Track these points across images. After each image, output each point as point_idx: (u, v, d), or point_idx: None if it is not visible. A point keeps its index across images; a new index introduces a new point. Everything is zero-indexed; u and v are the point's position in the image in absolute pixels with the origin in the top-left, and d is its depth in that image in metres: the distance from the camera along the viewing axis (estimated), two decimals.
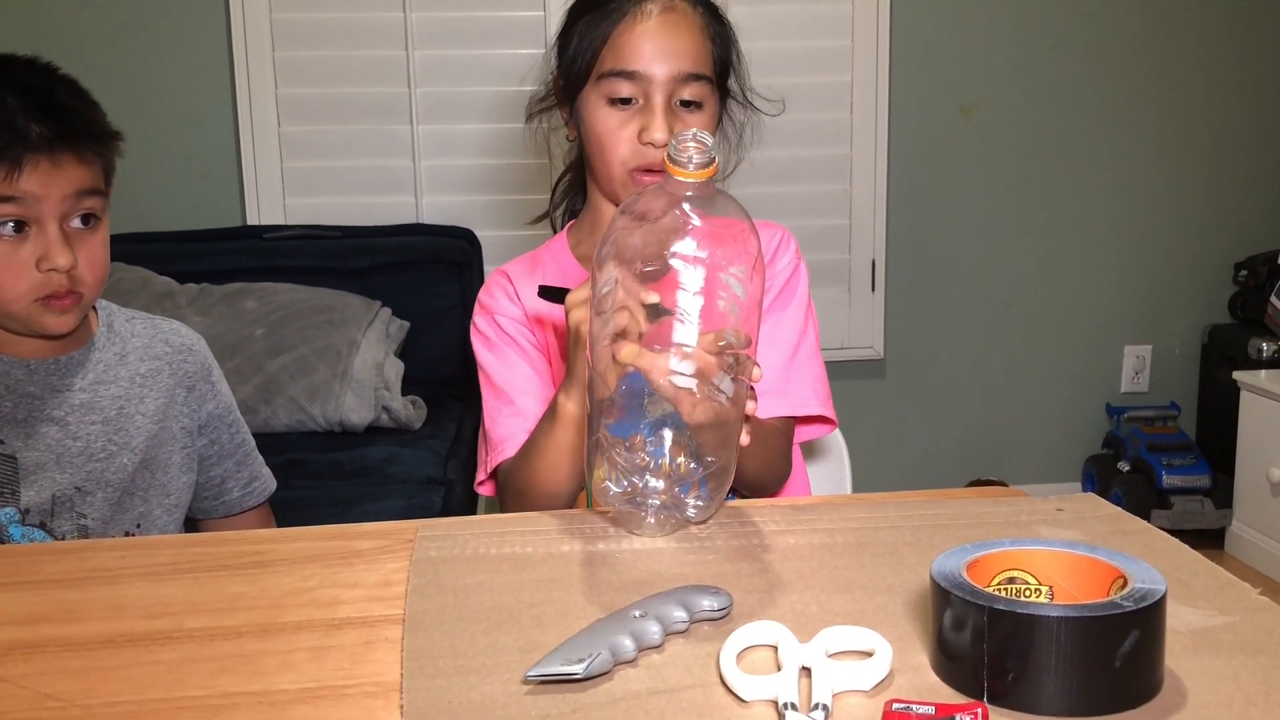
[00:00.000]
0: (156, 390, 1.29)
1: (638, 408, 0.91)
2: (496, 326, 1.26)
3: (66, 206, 1.14)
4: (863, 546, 0.90)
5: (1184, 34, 3.07)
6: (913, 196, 3.06)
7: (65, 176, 1.13)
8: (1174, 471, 2.89)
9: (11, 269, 1.13)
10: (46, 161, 1.11)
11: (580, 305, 0.99)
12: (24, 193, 1.11)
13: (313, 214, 2.84)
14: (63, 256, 1.13)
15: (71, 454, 1.21)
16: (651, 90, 1.16)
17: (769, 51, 2.85)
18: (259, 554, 0.94)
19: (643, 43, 1.16)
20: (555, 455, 1.08)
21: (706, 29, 1.21)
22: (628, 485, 0.90)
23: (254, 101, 2.82)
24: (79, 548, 0.98)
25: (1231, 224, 3.18)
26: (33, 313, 1.15)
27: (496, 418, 1.22)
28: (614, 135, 1.17)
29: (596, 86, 1.18)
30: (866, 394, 3.13)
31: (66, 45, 2.76)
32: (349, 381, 2.37)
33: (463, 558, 0.89)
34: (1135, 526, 0.94)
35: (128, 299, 2.43)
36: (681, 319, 0.89)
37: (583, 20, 1.20)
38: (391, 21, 2.81)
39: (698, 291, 0.88)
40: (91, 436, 1.23)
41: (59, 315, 1.16)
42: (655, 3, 1.18)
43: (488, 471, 1.23)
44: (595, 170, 1.23)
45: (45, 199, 1.12)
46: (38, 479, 1.20)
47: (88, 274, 1.17)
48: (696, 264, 0.88)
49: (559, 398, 1.06)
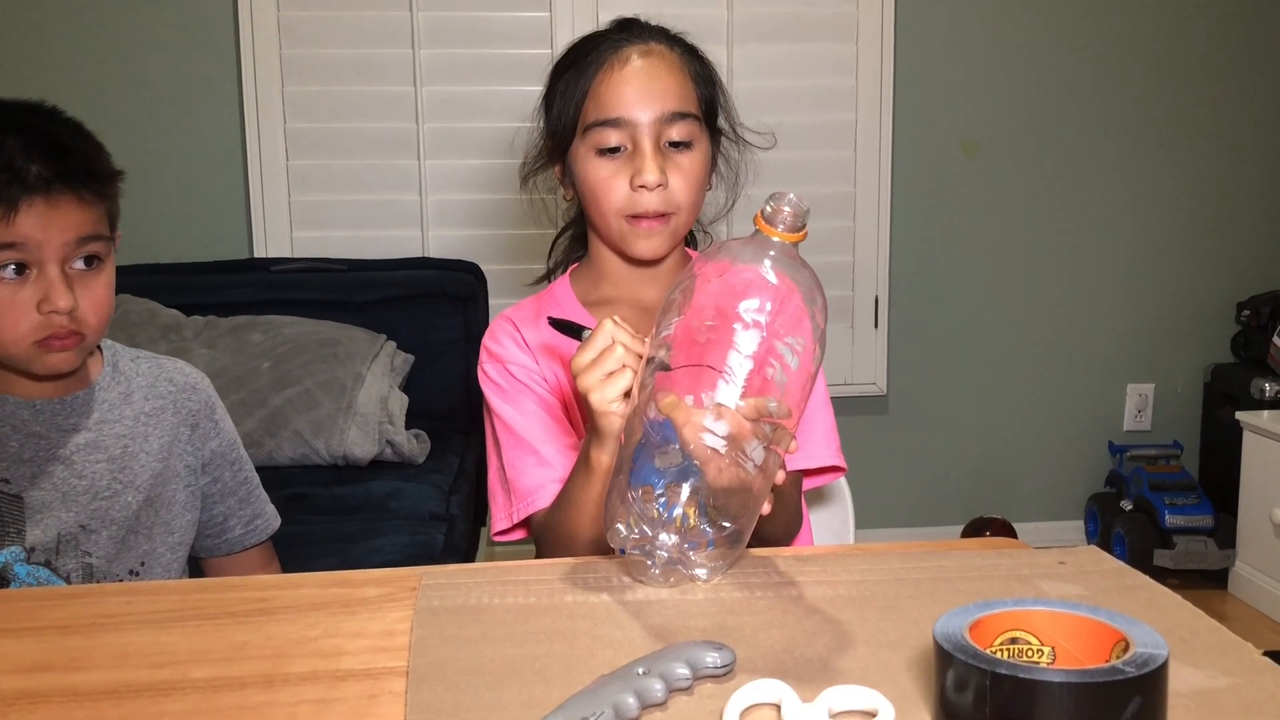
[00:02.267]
0: (160, 429, 1.29)
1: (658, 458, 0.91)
2: (509, 375, 1.25)
3: (68, 250, 1.14)
4: (866, 600, 0.90)
5: (1187, 75, 3.09)
6: (916, 234, 3.08)
7: (64, 218, 1.13)
8: (1177, 511, 2.89)
9: (12, 311, 1.13)
10: (43, 203, 1.11)
11: (583, 372, 0.99)
12: (23, 236, 1.11)
13: (320, 247, 2.86)
14: (63, 299, 1.13)
15: (77, 493, 1.22)
16: (639, 135, 1.16)
17: (773, 90, 2.88)
18: (263, 600, 0.94)
19: (624, 89, 1.16)
20: (595, 507, 1.08)
21: (686, 68, 1.21)
22: (638, 533, 0.90)
23: (262, 135, 2.84)
24: (84, 592, 0.98)
25: (1234, 263, 3.19)
26: (33, 354, 1.15)
27: (521, 468, 1.22)
28: (607, 185, 1.17)
29: (584, 139, 1.18)
30: (869, 430, 3.14)
31: (76, 78, 2.79)
32: (353, 415, 2.37)
33: (466, 607, 0.89)
34: (1137, 581, 0.94)
35: (135, 331, 2.44)
36: (726, 379, 0.88)
37: (563, 78, 1.21)
38: (399, 58, 2.84)
39: (749, 355, 0.88)
40: (97, 475, 1.23)
41: (59, 355, 1.16)
42: (632, 48, 1.19)
43: (513, 521, 1.22)
44: (593, 222, 1.23)
45: (45, 242, 1.12)
46: (43, 518, 1.21)
47: (90, 315, 1.17)
48: (754, 327, 0.88)
49: (591, 453, 1.05)
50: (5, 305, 1.13)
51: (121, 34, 2.80)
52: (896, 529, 3.17)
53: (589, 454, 1.06)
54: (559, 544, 1.16)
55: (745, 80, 2.88)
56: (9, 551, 1.19)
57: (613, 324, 0.99)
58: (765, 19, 2.90)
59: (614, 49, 1.18)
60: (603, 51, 1.19)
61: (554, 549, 1.17)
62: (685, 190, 1.18)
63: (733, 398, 0.88)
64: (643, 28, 1.23)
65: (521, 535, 1.25)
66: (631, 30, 1.21)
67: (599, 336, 0.99)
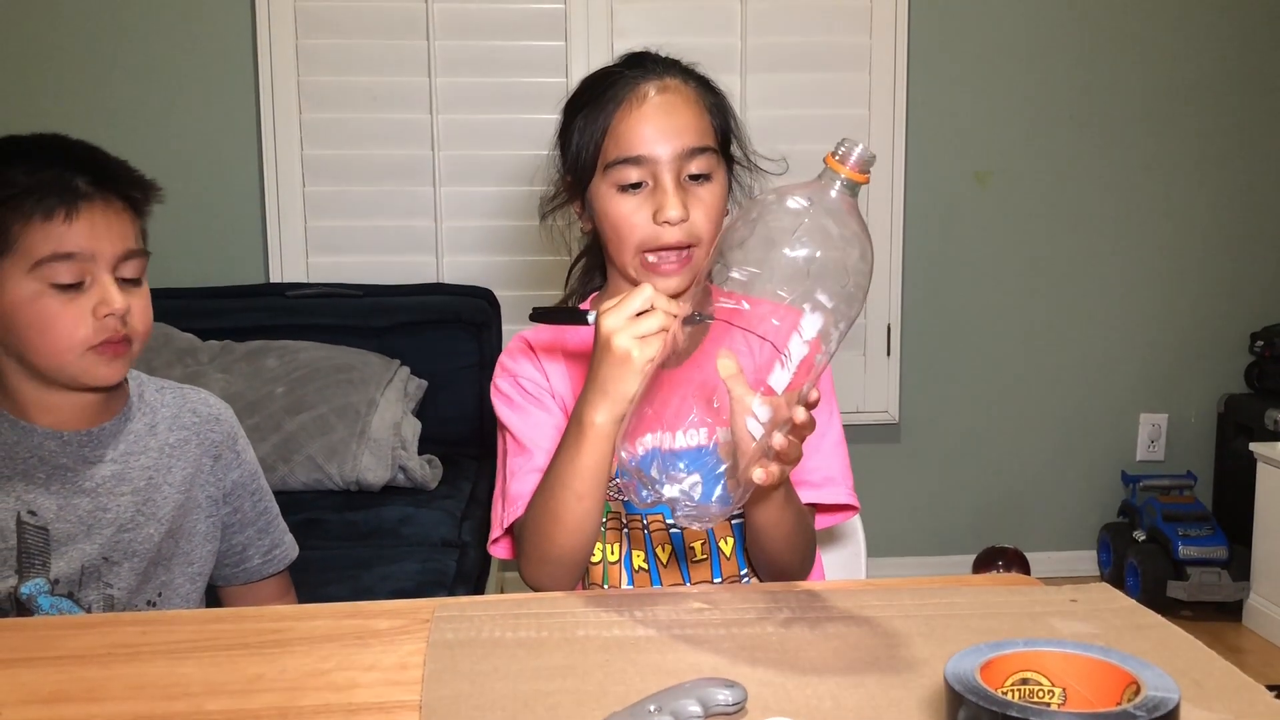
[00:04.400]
0: (184, 460, 1.30)
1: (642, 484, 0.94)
2: (520, 388, 1.26)
3: (116, 260, 1.18)
4: (878, 637, 0.91)
5: (1199, 104, 3.10)
6: (928, 262, 3.08)
7: (112, 229, 1.18)
8: (1190, 542, 2.87)
9: (68, 319, 1.16)
10: (97, 210, 1.17)
11: (610, 313, 1.01)
12: (79, 246, 1.15)
13: (335, 272, 2.88)
14: (118, 300, 1.17)
15: (101, 525, 1.23)
16: (659, 171, 1.17)
17: (787, 119, 2.89)
18: (277, 632, 0.95)
19: (643, 126, 1.17)
20: (580, 481, 1.07)
21: (702, 101, 1.22)
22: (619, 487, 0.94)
23: (280, 161, 2.86)
24: (101, 622, 0.99)
25: (1248, 294, 3.18)
26: (86, 363, 1.18)
27: (516, 473, 1.21)
28: (629, 221, 1.18)
29: (605, 176, 1.19)
30: (881, 459, 3.13)
31: (96, 101, 2.82)
32: (366, 441, 2.38)
33: (479, 641, 0.90)
34: (1149, 621, 0.94)
35: (150, 355, 2.46)
36: (783, 363, 0.90)
37: (580, 115, 1.22)
38: (416, 86, 2.86)
39: (808, 340, 0.90)
40: (121, 508, 1.24)
41: (110, 363, 1.19)
42: (649, 84, 1.20)
43: (503, 528, 1.21)
44: (613, 256, 1.24)
45: (98, 252, 1.16)
46: (68, 550, 1.21)
47: (139, 323, 1.21)
48: (819, 312, 0.90)
49: (583, 411, 1.04)
50: (60, 314, 1.16)
51: (142, 61, 2.83)
52: (908, 557, 3.17)
53: (582, 415, 1.05)
54: (534, 540, 1.13)
55: (759, 109, 2.90)
56: (34, 584, 1.20)
57: (653, 290, 1.02)
58: (779, 49, 2.92)
59: (630, 86, 1.19)
60: (619, 89, 1.19)
61: (530, 550, 1.14)
62: (706, 222, 1.19)
63: (783, 383, 0.90)
64: (656, 61, 1.24)
65: (508, 553, 1.23)
66: (645, 65, 1.22)
67: (635, 298, 1.01)
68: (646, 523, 1.24)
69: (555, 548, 1.11)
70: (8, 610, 1.19)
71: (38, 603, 1.20)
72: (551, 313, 1.14)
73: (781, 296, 0.91)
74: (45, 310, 1.15)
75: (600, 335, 1.02)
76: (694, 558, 1.24)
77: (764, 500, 1.09)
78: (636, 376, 1.00)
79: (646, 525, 1.24)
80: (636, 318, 1.01)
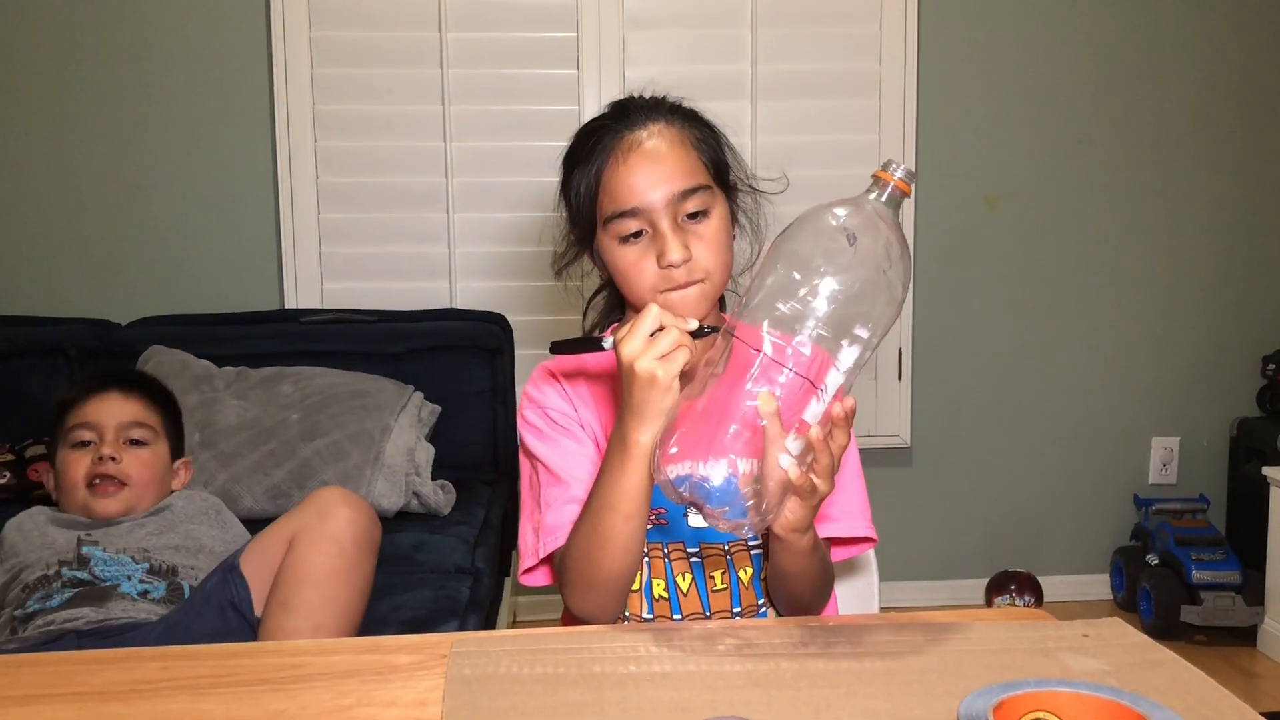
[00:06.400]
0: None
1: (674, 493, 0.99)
2: (549, 419, 1.27)
3: (120, 430, 1.76)
4: (891, 673, 0.91)
5: (1211, 128, 3.11)
6: (939, 286, 3.09)
7: (116, 407, 1.78)
8: (1204, 567, 2.86)
9: (74, 469, 1.73)
10: (109, 393, 1.80)
11: (626, 340, 1.04)
12: (91, 418, 1.76)
13: (349, 298, 2.90)
14: (108, 451, 1.73)
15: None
16: (655, 218, 1.18)
17: (797, 145, 2.91)
18: (297, 667, 0.96)
19: (633, 178, 1.18)
20: (627, 502, 1.09)
21: (689, 139, 1.22)
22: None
23: (295, 189, 2.89)
24: (122, 658, 1.00)
25: (1259, 317, 3.18)
26: (86, 498, 1.72)
27: (554, 505, 1.22)
28: (636, 268, 1.20)
29: (605, 230, 1.21)
30: (893, 482, 3.14)
31: (113, 132, 2.85)
32: (380, 467, 2.39)
33: (496, 677, 0.91)
34: (1161, 657, 0.94)
35: (167, 382, 2.47)
36: (819, 397, 0.96)
37: (576, 170, 1.24)
38: (430, 114, 2.89)
39: (845, 371, 0.97)
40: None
41: (103, 500, 1.71)
42: (635, 132, 1.21)
43: (538, 557, 1.22)
44: (628, 299, 1.27)
45: (105, 423, 1.76)
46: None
47: (134, 470, 1.74)
48: (859, 344, 0.96)
49: (625, 433, 1.06)
50: (72, 463, 1.75)
51: (159, 91, 2.86)
52: (921, 581, 3.16)
53: (626, 436, 1.06)
54: (580, 567, 1.15)
55: (769, 135, 2.91)
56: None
57: (659, 309, 1.05)
58: (789, 75, 2.94)
59: (616, 138, 1.21)
60: (606, 141, 1.21)
61: (574, 578, 1.16)
62: (711, 256, 1.20)
63: (817, 415, 0.96)
64: (639, 107, 1.24)
65: (546, 580, 1.25)
66: (629, 113, 1.23)
67: (645, 320, 1.04)
68: (667, 551, 1.25)
69: (603, 571, 1.13)
70: (69, 562, 1.62)
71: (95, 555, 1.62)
72: (570, 344, 1.16)
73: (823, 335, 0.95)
74: (64, 460, 1.76)
75: (623, 364, 1.05)
76: (714, 587, 1.25)
77: (792, 548, 1.11)
78: (667, 393, 1.03)
79: (668, 554, 1.25)
80: (652, 339, 1.03)
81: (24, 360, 2.61)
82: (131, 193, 2.87)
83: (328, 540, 1.51)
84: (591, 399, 1.29)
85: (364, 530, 1.56)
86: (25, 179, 2.87)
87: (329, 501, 1.55)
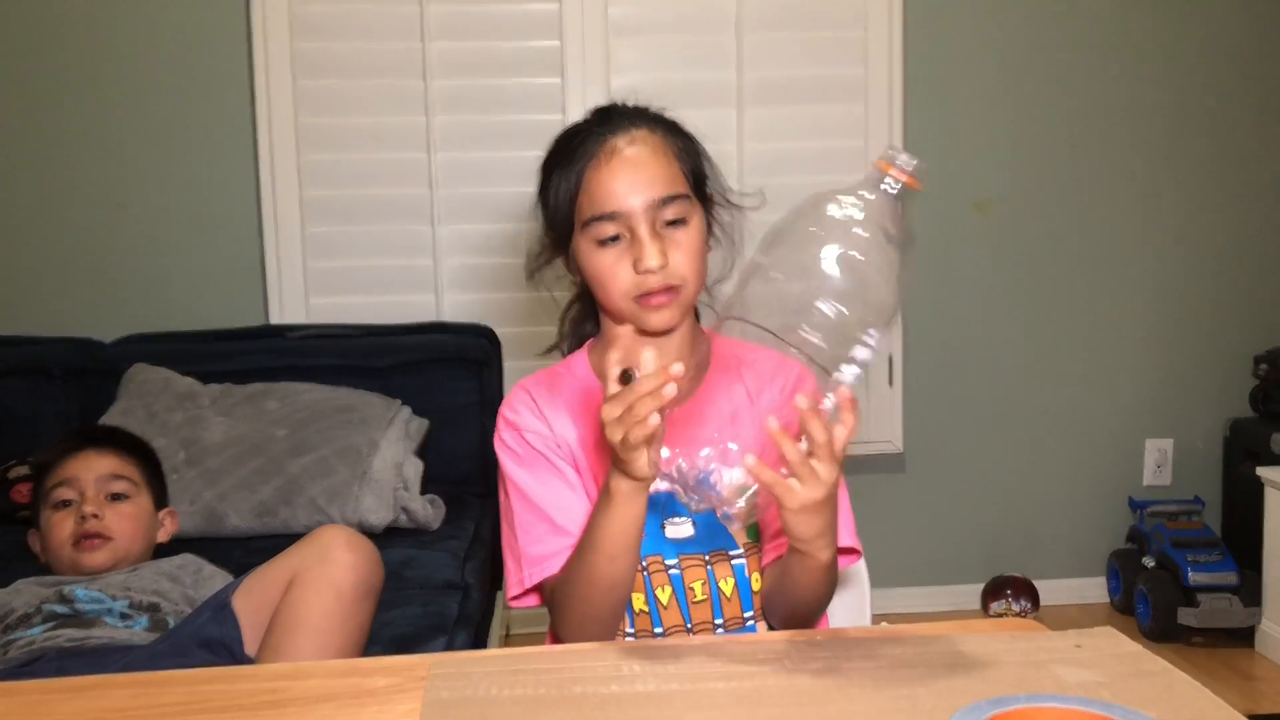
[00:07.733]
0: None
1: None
2: (525, 443, 1.27)
3: (100, 484, 1.78)
4: (880, 686, 0.89)
5: (1201, 129, 3.10)
6: (930, 291, 3.08)
7: (101, 462, 1.81)
8: (1200, 569, 2.85)
9: (59, 530, 1.74)
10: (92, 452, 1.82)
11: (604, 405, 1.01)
12: (71, 475, 1.78)
13: (335, 313, 2.88)
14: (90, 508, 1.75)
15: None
16: (634, 223, 1.19)
17: (784, 151, 2.90)
18: (273, 692, 0.94)
19: (613, 183, 1.19)
20: (610, 544, 1.10)
21: (670, 148, 1.23)
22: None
23: (279, 203, 2.87)
24: (92, 684, 0.98)
25: (1250, 317, 3.17)
26: (75, 557, 1.72)
27: (534, 535, 1.24)
28: (611, 272, 1.20)
29: (583, 233, 1.21)
30: (886, 489, 3.12)
31: (95, 145, 2.83)
32: (368, 482, 2.37)
33: (474, 699, 0.89)
34: (1155, 667, 0.92)
35: (151, 400, 2.46)
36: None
37: (555, 173, 1.24)
38: (414, 125, 2.87)
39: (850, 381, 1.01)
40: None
41: (88, 555, 1.72)
42: (617, 138, 1.21)
43: (523, 587, 1.24)
44: (603, 304, 1.27)
45: (83, 479, 1.78)
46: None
47: (116, 526, 1.75)
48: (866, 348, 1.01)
49: (609, 481, 1.07)
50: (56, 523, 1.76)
51: (140, 102, 2.85)
52: (915, 587, 3.14)
53: (609, 484, 1.07)
54: (570, 602, 1.17)
55: (756, 142, 2.90)
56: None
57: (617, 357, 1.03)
58: (774, 82, 2.92)
59: (598, 142, 1.21)
60: (588, 145, 1.21)
61: (568, 609, 1.18)
62: (687, 263, 1.21)
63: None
64: (622, 114, 1.25)
65: (535, 603, 1.27)
66: (612, 119, 1.24)
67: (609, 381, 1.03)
68: (645, 565, 1.24)
69: (592, 608, 1.16)
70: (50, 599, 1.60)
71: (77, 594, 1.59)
72: None
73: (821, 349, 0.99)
74: (48, 521, 1.77)
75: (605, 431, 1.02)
76: (694, 598, 1.24)
77: (810, 565, 1.10)
78: (643, 450, 1.00)
79: (645, 567, 1.24)
80: (619, 398, 0.99)
81: (7, 380, 2.58)
82: (114, 210, 2.85)
83: (326, 585, 1.46)
84: (568, 414, 1.28)
85: (365, 577, 1.52)
86: (7, 197, 2.85)
87: (331, 544, 1.51)
